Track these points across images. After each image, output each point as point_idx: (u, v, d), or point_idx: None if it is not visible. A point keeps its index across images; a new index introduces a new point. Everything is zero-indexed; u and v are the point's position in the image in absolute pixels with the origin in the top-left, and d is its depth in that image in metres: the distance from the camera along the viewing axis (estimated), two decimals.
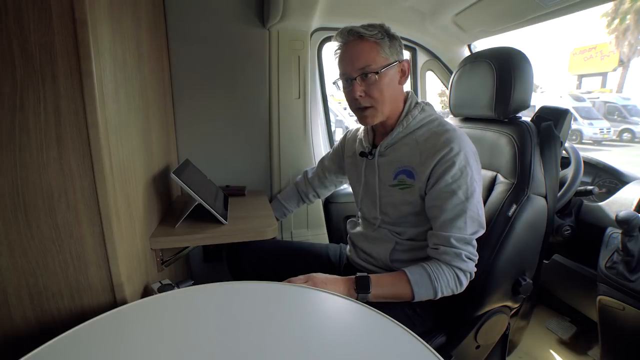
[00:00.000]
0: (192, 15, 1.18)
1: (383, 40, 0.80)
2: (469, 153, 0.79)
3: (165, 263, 0.93)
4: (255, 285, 0.70)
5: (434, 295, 0.77)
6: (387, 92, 0.82)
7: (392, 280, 0.79)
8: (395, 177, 0.86)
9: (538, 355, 1.29)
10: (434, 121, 0.85)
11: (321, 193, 1.23)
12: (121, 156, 0.70)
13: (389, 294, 0.78)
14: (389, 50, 0.81)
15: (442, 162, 0.78)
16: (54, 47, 0.56)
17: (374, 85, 0.80)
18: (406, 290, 0.77)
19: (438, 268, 0.77)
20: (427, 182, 0.80)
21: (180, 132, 1.25)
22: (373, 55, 0.80)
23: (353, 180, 1.03)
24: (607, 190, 1.35)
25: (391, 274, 0.82)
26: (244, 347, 0.52)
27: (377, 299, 0.78)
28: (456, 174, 0.77)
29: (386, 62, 0.81)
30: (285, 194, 1.25)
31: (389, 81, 0.82)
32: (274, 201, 1.24)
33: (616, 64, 15.56)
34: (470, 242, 0.77)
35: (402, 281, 0.78)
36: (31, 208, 0.59)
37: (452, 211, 0.77)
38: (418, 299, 0.78)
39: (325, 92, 1.53)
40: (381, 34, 0.80)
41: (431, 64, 1.62)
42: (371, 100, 0.82)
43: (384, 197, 0.89)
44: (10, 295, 0.62)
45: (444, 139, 0.79)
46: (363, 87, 0.81)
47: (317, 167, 1.22)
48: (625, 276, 0.91)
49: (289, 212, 1.24)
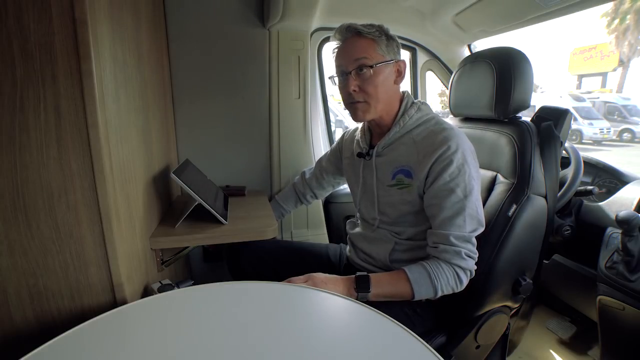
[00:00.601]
0: (192, 15, 1.18)
1: (380, 38, 0.81)
2: (466, 151, 0.79)
3: (165, 263, 0.93)
4: (255, 285, 0.70)
5: (434, 293, 0.77)
6: (382, 89, 0.82)
7: (391, 280, 0.79)
8: (394, 177, 0.86)
9: (538, 355, 1.29)
10: (430, 120, 0.85)
11: (319, 194, 1.23)
12: (121, 156, 0.70)
13: (389, 293, 0.78)
14: (386, 48, 0.82)
15: (439, 160, 0.78)
16: (54, 47, 0.56)
17: (369, 80, 0.81)
18: (406, 289, 0.77)
19: (438, 267, 0.76)
20: (425, 181, 0.80)
21: (180, 132, 1.25)
22: (369, 51, 0.81)
23: (351, 181, 1.02)
24: (607, 190, 1.35)
25: (391, 273, 0.81)
26: (244, 347, 0.52)
27: (377, 298, 0.78)
28: (454, 172, 0.77)
29: (382, 58, 0.81)
30: (283, 194, 1.25)
31: (383, 78, 0.82)
32: (272, 202, 1.24)
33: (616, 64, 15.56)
34: (470, 239, 0.77)
35: (402, 280, 0.78)
36: (31, 208, 0.59)
37: (450, 209, 0.76)
38: (418, 298, 0.78)
39: (325, 92, 1.53)
40: (379, 32, 0.81)
41: (431, 64, 1.62)
42: (364, 95, 0.82)
43: (382, 197, 0.89)
44: (10, 295, 0.62)
45: (442, 137, 0.79)
46: (357, 82, 0.82)
47: (314, 168, 1.22)
48: (625, 276, 0.91)
49: (287, 212, 1.24)
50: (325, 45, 1.49)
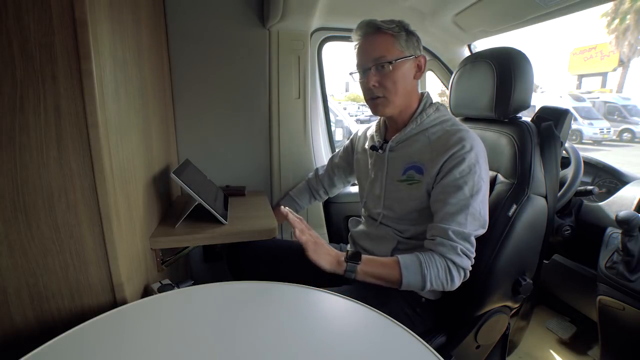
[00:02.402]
0: (192, 15, 1.18)
1: (400, 33, 0.82)
2: (479, 153, 0.79)
3: (165, 263, 0.93)
4: (255, 285, 0.70)
5: (422, 284, 0.76)
6: (401, 84, 0.83)
7: (382, 262, 0.80)
8: (405, 173, 0.86)
9: (538, 355, 1.29)
10: (447, 121, 0.86)
11: (330, 191, 1.25)
12: (121, 156, 0.70)
13: (378, 274, 0.78)
14: (405, 44, 0.83)
15: (452, 157, 0.78)
16: (54, 47, 0.56)
17: (388, 75, 0.82)
18: (395, 274, 0.77)
19: (430, 258, 0.76)
20: (435, 177, 0.81)
21: (180, 132, 1.25)
22: (389, 47, 0.82)
23: (361, 175, 1.03)
24: (607, 190, 1.35)
25: (383, 257, 0.82)
26: (244, 347, 0.52)
27: (364, 277, 0.78)
28: (464, 170, 0.77)
29: (401, 54, 0.82)
30: (297, 190, 1.26)
31: (403, 74, 0.83)
32: (286, 197, 1.25)
33: (616, 64, 15.56)
34: (468, 238, 0.77)
35: (392, 263, 0.78)
36: (31, 208, 0.59)
37: (455, 205, 0.77)
38: (406, 286, 0.76)
39: (325, 92, 1.52)
40: (398, 28, 0.82)
41: (431, 64, 1.62)
42: (384, 90, 0.84)
43: (390, 192, 0.89)
44: (10, 295, 0.62)
45: (457, 137, 0.80)
46: (377, 77, 0.84)
47: (327, 164, 1.23)
48: (625, 276, 0.91)
49: (301, 208, 1.25)
50: (325, 45, 1.49)
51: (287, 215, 0.83)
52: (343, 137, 4.54)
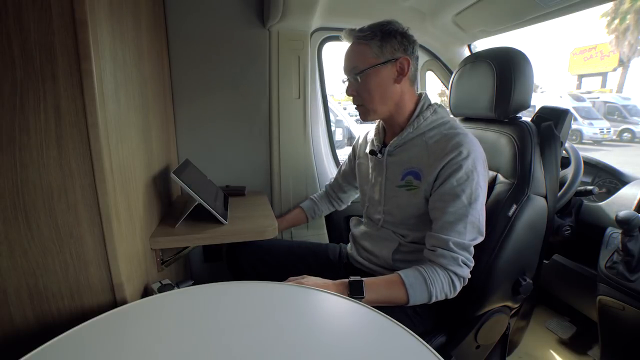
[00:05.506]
0: (192, 15, 1.18)
1: (372, 40, 0.81)
2: (477, 159, 0.78)
3: (165, 263, 0.93)
4: (255, 285, 0.70)
5: (428, 299, 0.76)
6: (377, 92, 0.83)
7: (386, 284, 0.77)
8: (403, 178, 0.86)
9: (538, 355, 1.29)
10: (445, 124, 0.85)
11: (343, 197, 1.24)
12: (121, 156, 0.70)
13: (384, 298, 0.76)
14: (380, 50, 0.81)
15: (449, 164, 0.77)
16: (54, 47, 0.56)
17: (361, 85, 0.84)
18: (401, 294, 0.76)
19: (434, 271, 0.76)
20: (433, 184, 0.80)
21: (180, 132, 1.25)
22: (361, 57, 0.83)
23: (362, 179, 1.03)
24: (607, 190, 1.35)
25: (385, 277, 0.79)
26: (244, 347, 0.52)
27: (371, 304, 0.76)
28: (462, 178, 0.76)
29: (375, 61, 0.82)
30: (318, 194, 1.27)
31: (378, 82, 0.83)
32: (307, 200, 1.25)
33: (616, 64, 15.57)
34: (468, 248, 0.77)
35: (397, 284, 0.76)
36: (31, 208, 0.59)
37: (453, 214, 0.76)
38: (413, 303, 0.76)
39: (325, 92, 1.52)
40: (372, 34, 0.81)
41: (431, 64, 1.62)
42: (361, 99, 0.86)
43: (389, 197, 0.89)
44: (10, 295, 0.62)
45: (454, 142, 0.78)
46: (354, 87, 0.86)
47: (337, 173, 1.23)
48: (625, 276, 0.91)
49: (320, 211, 1.24)
50: (325, 45, 1.49)
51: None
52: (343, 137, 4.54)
